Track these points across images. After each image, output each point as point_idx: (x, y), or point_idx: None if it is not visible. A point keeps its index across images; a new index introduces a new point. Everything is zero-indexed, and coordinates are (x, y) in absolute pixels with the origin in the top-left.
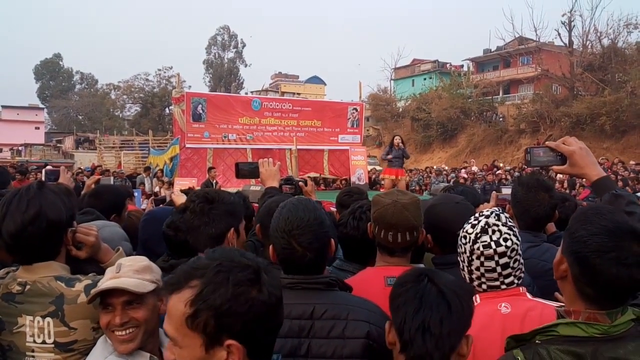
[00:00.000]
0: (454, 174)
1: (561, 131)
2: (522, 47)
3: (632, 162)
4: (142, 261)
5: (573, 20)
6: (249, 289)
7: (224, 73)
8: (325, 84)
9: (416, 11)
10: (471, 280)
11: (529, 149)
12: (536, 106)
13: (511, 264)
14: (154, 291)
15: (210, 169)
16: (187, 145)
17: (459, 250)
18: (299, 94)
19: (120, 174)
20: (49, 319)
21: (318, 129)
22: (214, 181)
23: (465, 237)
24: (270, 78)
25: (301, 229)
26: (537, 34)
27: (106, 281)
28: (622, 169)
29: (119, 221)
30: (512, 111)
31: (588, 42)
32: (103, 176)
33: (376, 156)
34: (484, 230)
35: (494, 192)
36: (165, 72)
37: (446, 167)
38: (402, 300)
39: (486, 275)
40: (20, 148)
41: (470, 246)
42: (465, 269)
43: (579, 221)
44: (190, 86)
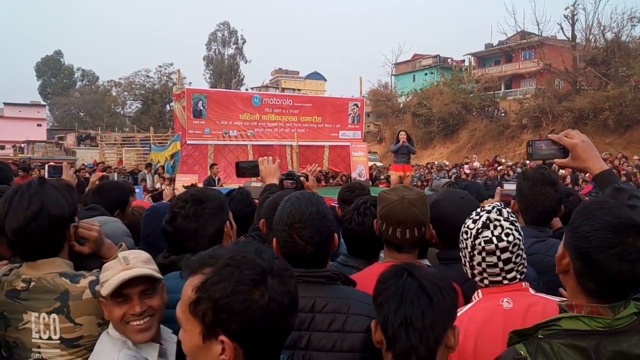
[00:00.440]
0: (455, 170)
1: (564, 126)
2: (524, 42)
3: (635, 157)
4: (143, 253)
5: (576, 14)
6: (250, 289)
7: (224, 69)
8: (325, 79)
9: (417, 6)
10: (473, 275)
11: (531, 142)
12: (538, 101)
13: (513, 259)
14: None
15: (213, 165)
16: (188, 142)
17: (460, 245)
18: (299, 90)
19: (122, 170)
20: (54, 315)
21: (319, 125)
22: (216, 177)
23: (466, 232)
24: (270, 74)
25: (303, 223)
26: (539, 28)
27: (118, 273)
28: (625, 164)
29: (123, 217)
30: (514, 106)
31: (591, 36)
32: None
33: (377, 152)
34: (485, 226)
35: (498, 187)
36: (165, 68)
37: (447, 162)
38: (383, 298)
39: (488, 270)
40: (22, 145)
41: (472, 241)
42: (467, 264)
43: (581, 216)
44: (190, 82)
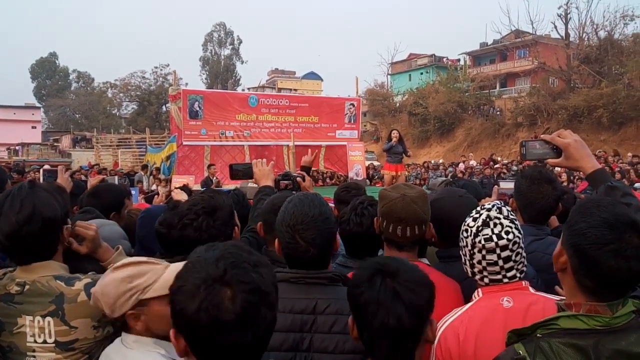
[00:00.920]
0: (451, 169)
1: (558, 124)
2: (518, 40)
3: (629, 154)
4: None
5: (569, 13)
6: (187, 292)
7: (220, 70)
8: (322, 79)
9: (412, 5)
10: (473, 274)
11: (524, 143)
12: (533, 99)
13: (513, 257)
14: None
15: (210, 165)
16: (185, 143)
17: (460, 243)
18: (295, 90)
19: (119, 172)
20: (49, 319)
21: (315, 125)
22: (214, 178)
23: (466, 230)
24: (267, 74)
25: (305, 224)
26: (533, 27)
27: (163, 272)
28: (620, 162)
29: (119, 219)
30: (509, 104)
31: (584, 35)
32: (101, 174)
33: (374, 151)
34: (485, 224)
35: (495, 186)
36: (161, 69)
37: (442, 160)
38: (359, 304)
39: (488, 268)
40: (17, 147)
41: (472, 239)
42: (467, 262)
43: (578, 213)
44: (187, 83)
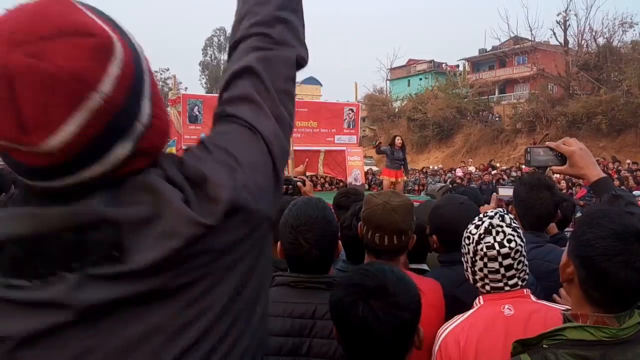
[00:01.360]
0: (450, 174)
1: (557, 130)
2: (517, 47)
3: (628, 160)
4: None
5: (568, 20)
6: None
7: (220, 74)
8: (321, 84)
9: (411, 11)
10: (475, 281)
11: (529, 149)
12: (532, 105)
13: (515, 266)
14: None
15: None
16: (184, 147)
17: (462, 250)
18: (295, 94)
19: None
20: None
21: (314, 130)
22: None
23: (468, 237)
24: None
25: (309, 226)
26: (532, 34)
27: None
28: (620, 167)
29: None
30: (508, 111)
31: (583, 42)
32: None
33: (372, 157)
34: (487, 231)
35: (494, 193)
36: (161, 73)
37: (441, 166)
38: (343, 325)
39: (489, 276)
40: None
41: (474, 247)
42: (469, 269)
43: (585, 224)
44: (186, 88)
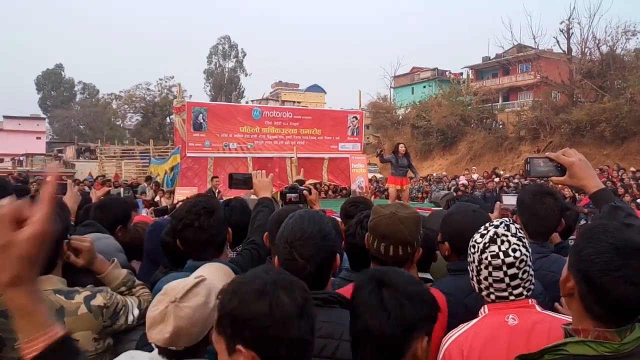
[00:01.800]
0: (454, 182)
1: (561, 138)
2: (521, 55)
3: (632, 168)
4: None
5: (571, 28)
6: (254, 299)
7: (224, 82)
8: (325, 92)
9: (416, 20)
10: (480, 290)
11: (529, 159)
12: (536, 113)
13: (520, 275)
14: None
15: (213, 177)
16: (188, 155)
17: (468, 259)
18: (299, 102)
19: (123, 184)
20: None
21: (318, 137)
22: (217, 190)
23: (474, 246)
24: (270, 87)
25: (303, 241)
26: (535, 42)
27: None
28: (624, 175)
29: (125, 232)
30: (512, 118)
31: (587, 49)
32: (105, 186)
33: (376, 164)
34: (492, 240)
35: (497, 202)
36: (166, 81)
37: (445, 173)
38: (352, 304)
39: (494, 285)
40: (21, 158)
41: (479, 255)
42: (474, 278)
43: (585, 238)
44: (191, 95)
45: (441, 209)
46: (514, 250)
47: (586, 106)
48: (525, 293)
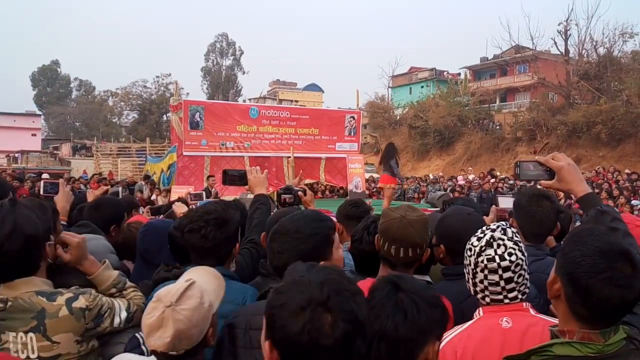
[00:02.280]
0: (451, 182)
1: (557, 139)
2: (518, 56)
3: (627, 170)
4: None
5: (569, 29)
6: (292, 311)
7: (221, 80)
8: (323, 91)
9: (414, 20)
10: (475, 292)
11: (519, 163)
12: (533, 114)
13: (515, 279)
14: None
15: (209, 177)
16: (185, 153)
17: (464, 262)
18: (297, 101)
19: (122, 182)
20: (31, 334)
21: (315, 137)
22: (213, 189)
23: (470, 249)
24: (268, 85)
25: (279, 234)
26: (533, 43)
27: None
28: (619, 177)
29: (119, 232)
30: (509, 119)
31: (584, 51)
32: (101, 184)
33: (373, 164)
34: (488, 244)
35: (493, 206)
36: (163, 79)
37: (441, 174)
38: (370, 307)
39: (490, 288)
40: (16, 155)
41: (475, 259)
42: (470, 281)
43: (572, 242)
44: (188, 93)
45: (437, 209)
46: (510, 254)
47: (582, 108)
48: (520, 297)
